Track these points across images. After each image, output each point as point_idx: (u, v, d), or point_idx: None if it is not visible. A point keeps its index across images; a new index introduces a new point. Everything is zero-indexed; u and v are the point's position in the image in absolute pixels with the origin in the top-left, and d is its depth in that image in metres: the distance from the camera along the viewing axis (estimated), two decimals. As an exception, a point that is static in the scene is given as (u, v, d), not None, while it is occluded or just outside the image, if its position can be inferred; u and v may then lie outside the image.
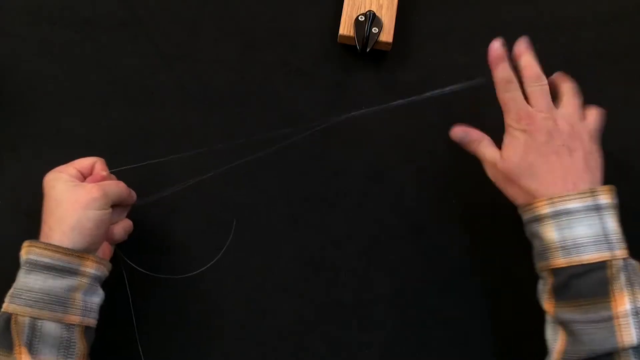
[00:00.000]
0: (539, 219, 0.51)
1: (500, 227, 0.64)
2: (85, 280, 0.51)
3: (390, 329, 0.61)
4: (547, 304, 0.51)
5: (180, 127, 0.67)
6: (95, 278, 0.52)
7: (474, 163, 0.66)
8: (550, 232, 0.50)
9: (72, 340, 0.50)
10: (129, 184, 0.59)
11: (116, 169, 0.59)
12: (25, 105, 0.68)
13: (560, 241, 0.49)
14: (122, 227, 0.57)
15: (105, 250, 0.56)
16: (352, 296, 0.62)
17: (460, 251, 0.63)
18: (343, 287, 0.62)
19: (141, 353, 0.59)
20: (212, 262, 0.62)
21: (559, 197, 0.50)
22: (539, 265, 0.52)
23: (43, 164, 0.56)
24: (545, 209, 0.50)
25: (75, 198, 0.51)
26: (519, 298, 0.62)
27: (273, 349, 0.60)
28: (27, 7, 0.71)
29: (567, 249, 0.49)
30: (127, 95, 0.68)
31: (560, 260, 0.49)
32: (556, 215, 0.50)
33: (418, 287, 0.62)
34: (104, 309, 0.55)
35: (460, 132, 0.57)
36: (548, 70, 0.70)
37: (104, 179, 0.56)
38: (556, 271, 0.50)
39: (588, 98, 0.68)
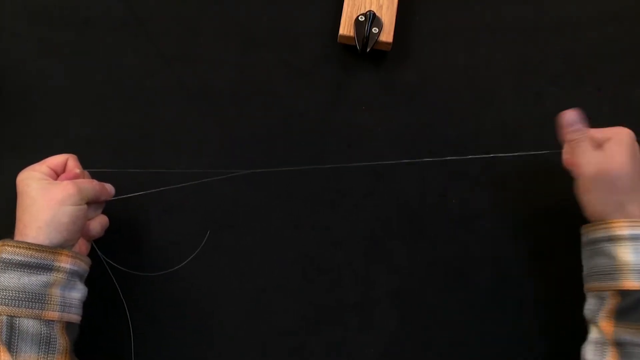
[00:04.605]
0: (613, 238, 0.50)
1: (500, 227, 0.64)
2: (61, 275, 0.51)
3: (390, 329, 0.61)
4: (605, 323, 0.50)
5: (180, 127, 0.67)
6: (73, 273, 0.52)
7: (474, 163, 0.66)
8: (626, 254, 0.49)
9: (53, 336, 0.49)
10: (124, 183, 0.59)
11: (110, 170, 0.60)
12: (25, 105, 0.67)
13: (635, 264, 0.49)
14: (98, 222, 0.57)
15: (82, 246, 0.56)
16: (352, 296, 0.62)
17: (460, 251, 0.63)
18: (344, 287, 0.62)
19: (133, 354, 0.59)
20: (186, 261, 0.62)
21: None
22: (602, 284, 0.51)
23: (43, 164, 0.56)
24: (624, 230, 0.50)
25: (51, 195, 0.52)
26: (519, 298, 0.62)
27: (273, 348, 0.60)
28: (27, 7, 0.71)
29: None
30: (127, 95, 0.68)
31: (633, 283, 0.49)
32: (635, 238, 0.49)
33: (418, 287, 0.62)
34: (93, 306, 0.55)
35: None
36: (547, 70, 0.70)
37: (77, 176, 0.56)
38: (625, 293, 0.49)
39: (588, 98, 0.69)
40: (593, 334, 0.52)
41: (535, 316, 0.61)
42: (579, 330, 0.54)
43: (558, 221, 0.63)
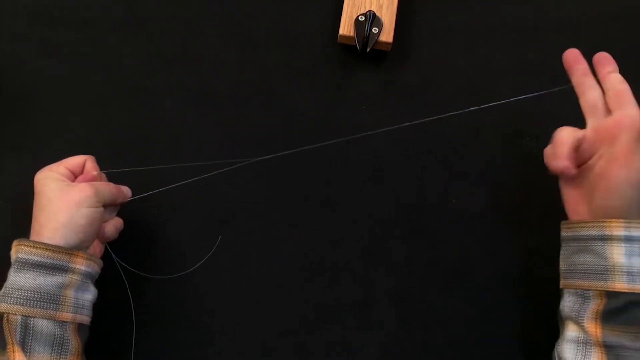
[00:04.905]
0: (607, 238, 0.49)
1: (499, 227, 0.64)
2: (76, 277, 0.51)
3: (389, 328, 0.61)
4: (592, 324, 0.49)
5: (180, 127, 0.67)
6: (87, 275, 0.52)
7: (474, 163, 0.67)
8: (619, 255, 0.49)
9: (66, 338, 0.50)
10: (126, 184, 0.59)
11: (112, 170, 0.60)
12: (25, 105, 0.68)
13: (627, 266, 0.48)
14: (113, 225, 0.57)
15: (96, 248, 0.56)
16: (352, 296, 0.62)
17: (460, 251, 0.63)
18: (343, 287, 0.62)
19: (133, 353, 0.59)
20: (199, 264, 0.62)
21: (638, 223, 0.48)
22: (588, 283, 0.50)
23: (43, 164, 0.55)
24: (620, 231, 0.49)
25: (68, 197, 0.52)
26: (519, 298, 0.62)
27: (273, 348, 0.60)
28: (27, 7, 0.71)
29: (633, 275, 0.48)
30: (127, 95, 0.68)
31: (622, 285, 0.48)
32: (630, 240, 0.48)
33: (418, 287, 0.62)
34: (103, 308, 0.55)
35: None
36: (547, 70, 0.70)
37: (94, 178, 0.56)
38: (611, 294, 0.49)
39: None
40: (571, 332, 0.51)
41: (535, 316, 0.61)
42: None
43: (558, 221, 0.63)
